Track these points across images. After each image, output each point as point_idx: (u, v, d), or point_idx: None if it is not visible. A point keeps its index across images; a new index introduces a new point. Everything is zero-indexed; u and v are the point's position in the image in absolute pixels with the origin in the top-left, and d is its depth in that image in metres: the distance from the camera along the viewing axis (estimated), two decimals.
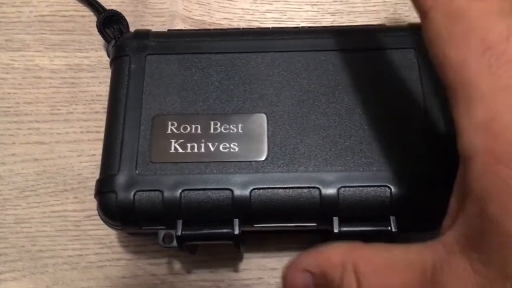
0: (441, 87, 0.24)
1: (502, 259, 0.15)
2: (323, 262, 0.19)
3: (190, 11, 0.34)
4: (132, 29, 0.30)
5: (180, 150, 0.24)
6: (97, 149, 0.29)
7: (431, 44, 0.17)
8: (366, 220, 0.23)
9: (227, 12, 0.34)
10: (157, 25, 0.33)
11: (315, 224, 0.24)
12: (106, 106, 0.26)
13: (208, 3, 0.34)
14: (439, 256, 0.16)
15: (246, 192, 0.23)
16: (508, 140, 0.15)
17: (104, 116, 0.26)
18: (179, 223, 0.23)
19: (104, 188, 0.24)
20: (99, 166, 0.25)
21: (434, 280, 0.16)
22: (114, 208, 0.23)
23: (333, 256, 0.19)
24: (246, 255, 0.28)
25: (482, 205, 0.15)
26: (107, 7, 0.32)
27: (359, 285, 0.18)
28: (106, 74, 0.31)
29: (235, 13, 0.34)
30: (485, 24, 0.16)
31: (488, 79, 0.15)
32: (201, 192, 0.23)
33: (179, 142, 0.24)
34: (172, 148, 0.24)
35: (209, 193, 0.23)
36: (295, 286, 0.20)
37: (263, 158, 0.24)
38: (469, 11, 0.16)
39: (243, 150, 0.24)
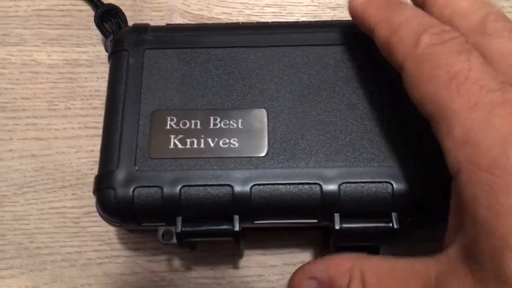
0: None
1: (495, 261, 0.15)
2: (332, 268, 0.20)
3: (189, 6, 0.33)
4: (130, 23, 0.29)
5: (180, 146, 0.24)
6: (96, 145, 0.29)
7: (409, 87, 0.20)
8: (367, 216, 0.23)
9: (226, 7, 0.33)
10: (156, 20, 0.33)
11: (316, 220, 0.24)
12: (104, 101, 0.26)
13: None
14: (444, 266, 0.17)
15: (247, 188, 0.23)
16: (485, 148, 0.16)
17: (102, 112, 0.26)
18: (179, 220, 0.23)
19: (102, 185, 0.24)
20: (97, 162, 0.25)
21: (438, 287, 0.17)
22: (113, 205, 0.23)
23: (342, 263, 0.20)
24: (246, 252, 0.28)
25: (473, 213, 0.16)
26: (105, 1, 0.31)
27: None
28: (104, 69, 0.31)
29: (234, 8, 0.33)
30: (447, 61, 0.18)
31: (459, 100, 0.17)
32: (201, 188, 0.23)
33: (178, 137, 0.24)
34: (172, 143, 0.24)
35: (209, 189, 0.23)
36: None
37: (263, 154, 0.24)
38: (432, 54, 0.19)
39: (243, 146, 0.24)
